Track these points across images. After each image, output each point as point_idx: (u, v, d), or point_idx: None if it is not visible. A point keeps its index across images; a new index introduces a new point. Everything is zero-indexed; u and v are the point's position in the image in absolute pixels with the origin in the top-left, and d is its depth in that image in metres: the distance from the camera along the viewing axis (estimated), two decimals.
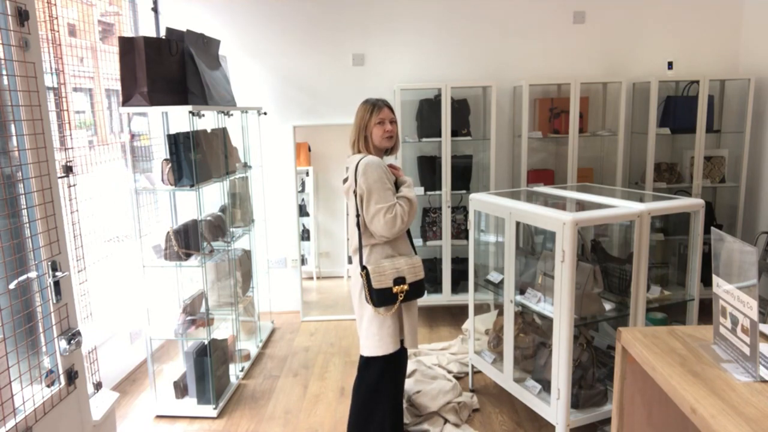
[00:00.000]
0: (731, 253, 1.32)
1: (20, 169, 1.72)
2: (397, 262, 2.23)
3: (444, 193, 4.03)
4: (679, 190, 4.11)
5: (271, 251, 4.40)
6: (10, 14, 1.64)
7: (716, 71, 4.26)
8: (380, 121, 2.28)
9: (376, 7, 4.20)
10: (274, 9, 4.19)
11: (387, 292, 2.19)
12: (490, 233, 3.25)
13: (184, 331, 2.99)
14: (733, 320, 1.32)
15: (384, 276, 2.19)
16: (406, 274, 2.22)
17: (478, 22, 4.24)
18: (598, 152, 4.37)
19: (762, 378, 1.26)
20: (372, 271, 2.19)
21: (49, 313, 1.82)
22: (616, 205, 2.57)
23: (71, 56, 3.04)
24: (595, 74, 4.29)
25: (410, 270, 2.23)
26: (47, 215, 1.78)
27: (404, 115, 4.15)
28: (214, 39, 3.28)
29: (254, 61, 4.23)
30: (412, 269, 2.24)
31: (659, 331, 1.57)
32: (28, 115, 1.71)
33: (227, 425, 2.87)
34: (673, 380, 1.29)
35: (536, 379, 2.64)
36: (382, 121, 2.28)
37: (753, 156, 4.14)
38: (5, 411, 1.60)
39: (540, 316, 2.73)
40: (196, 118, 2.81)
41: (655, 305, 2.70)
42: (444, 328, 4.06)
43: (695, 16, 4.26)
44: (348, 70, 4.25)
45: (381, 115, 2.28)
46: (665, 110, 4.12)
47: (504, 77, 4.26)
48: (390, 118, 2.30)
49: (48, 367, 1.85)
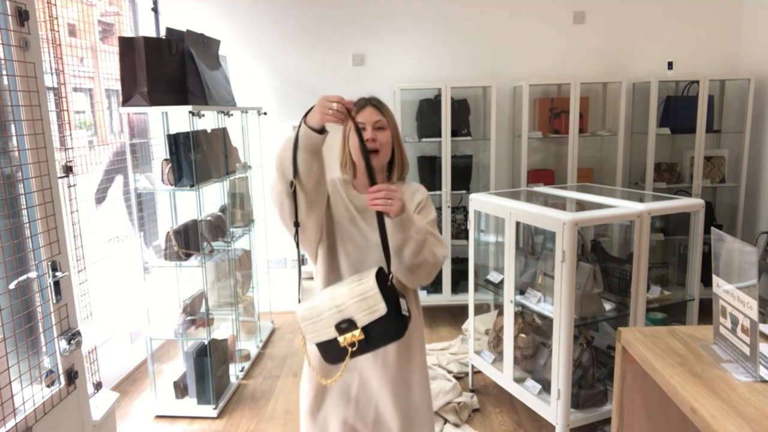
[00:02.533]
0: (731, 253, 1.32)
1: (20, 169, 1.72)
2: (337, 291, 1.40)
3: (444, 193, 4.03)
4: (679, 190, 4.11)
5: (271, 251, 4.40)
6: (10, 14, 1.64)
7: (716, 71, 4.26)
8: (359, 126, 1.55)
9: (376, 7, 4.20)
10: (274, 9, 4.19)
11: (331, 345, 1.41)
12: (490, 233, 3.25)
13: (184, 331, 2.99)
14: (733, 320, 1.32)
15: (319, 322, 1.40)
16: (353, 312, 1.37)
17: (478, 22, 4.24)
18: (598, 152, 4.37)
19: (762, 378, 1.26)
20: (301, 318, 1.43)
21: (49, 313, 1.82)
22: (616, 205, 2.57)
23: (71, 56, 3.04)
24: (595, 74, 4.29)
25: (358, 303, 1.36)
26: (47, 215, 1.78)
27: (404, 115, 4.15)
28: (214, 39, 3.28)
29: (254, 61, 4.23)
30: (363, 301, 1.36)
31: (659, 331, 1.57)
32: (28, 115, 1.71)
33: (227, 425, 2.87)
34: (673, 380, 1.29)
35: (536, 379, 2.64)
36: (362, 126, 1.57)
37: (753, 156, 4.14)
38: (5, 411, 1.60)
39: (540, 316, 2.73)
40: (196, 118, 2.81)
41: (655, 305, 2.70)
42: (444, 328, 4.06)
43: (695, 16, 4.26)
44: (348, 70, 4.25)
45: (360, 116, 1.59)
46: (665, 110, 4.12)
47: (504, 77, 4.26)
48: (374, 121, 1.59)
49: (48, 367, 1.85)
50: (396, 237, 1.43)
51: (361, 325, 1.36)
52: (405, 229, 1.43)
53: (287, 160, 1.43)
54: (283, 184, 1.45)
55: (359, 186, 1.66)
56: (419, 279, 1.52)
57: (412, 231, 1.44)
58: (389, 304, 1.35)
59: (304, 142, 1.41)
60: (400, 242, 1.44)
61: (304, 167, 1.42)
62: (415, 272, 1.49)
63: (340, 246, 1.61)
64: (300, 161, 1.42)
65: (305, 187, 1.44)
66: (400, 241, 1.44)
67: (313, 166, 1.43)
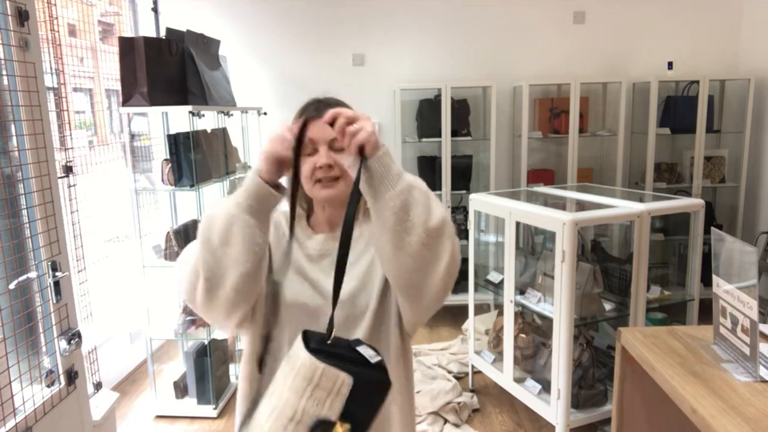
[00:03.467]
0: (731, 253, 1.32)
1: (20, 169, 1.72)
2: (276, 400, 0.94)
3: (444, 193, 4.03)
4: (679, 190, 4.11)
5: None
6: (10, 14, 1.64)
7: (716, 71, 4.26)
8: (309, 149, 1.10)
9: (376, 7, 4.20)
10: (274, 9, 4.19)
11: None
12: (490, 233, 3.25)
13: (184, 331, 2.99)
14: (733, 320, 1.32)
15: None
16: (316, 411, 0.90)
17: (478, 22, 4.24)
18: (598, 152, 4.37)
19: (762, 378, 1.26)
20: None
21: (49, 313, 1.82)
22: (616, 205, 2.57)
23: (71, 56, 3.04)
24: (595, 74, 4.29)
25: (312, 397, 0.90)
26: (47, 215, 1.78)
27: (404, 115, 4.15)
28: (214, 39, 3.28)
29: (254, 61, 4.23)
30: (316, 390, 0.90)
31: (659, 331, 1.57)
32: (28, 115, 1.71)
33: (227, 425, 2.86)
34: (673, 380, 1.29)
35: (536, 379, 2.64)
36: (311, 147, 1.10)
37: (753, 156, 4.14)
38: (5, 411, 1.60)
39: (540, 316, 2.73)
40: (196, 118, 2.81)
41: (655, 305, 2.70)
42: (444, 328, 4.06)
43: (695, 16, 4.26)
44: (348, 70, 4.25)
45: (311, 131, 1.11)
46: (665, 110, 4.12)
47: (504, 77, 4.26)
48: (331, 139, 1.09)
49: (48, 367, 1.85)
50: (387, 203, 0.93)
51: (336, 416, 0.90)
52: (393, 179, 0.94)
53: (220, 231, 1.00)
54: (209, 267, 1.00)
55: (317, 224, 1.20)
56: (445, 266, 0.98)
57: (405, 180, 0.95)
58: (348, 366, 0.90)
59: (251, 202, 1.00)
60: (400, 205, 0.93)
61: (246, 243, 0.99)
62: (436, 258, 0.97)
63: (284, 313, 1.13)
64: (236, 234, 0.99)
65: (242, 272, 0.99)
66: (398, 204, 0.93)
67: (258, 237, 1.01)
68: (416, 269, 0.96)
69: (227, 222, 1.00)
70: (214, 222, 1.01)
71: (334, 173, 1.10)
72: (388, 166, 0.94)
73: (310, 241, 1.19)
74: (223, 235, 1.00)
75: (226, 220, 1.00)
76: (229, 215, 1.00)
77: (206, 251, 1.01)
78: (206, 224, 1.02)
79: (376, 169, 0.94)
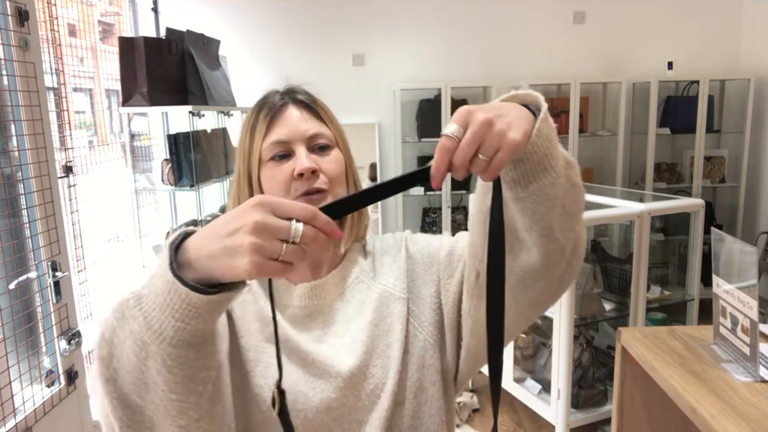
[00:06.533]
0: (731, 253, 1.32)
1: (20, 169, 1.72)
2: None
3: (444, 193, 4.03)
4: (679, 190, 4.11)
5: None
6: (10, 14, 1.64)
7: (716, 71, 4.26)
8: (274, 153, 0.83)
9: (376, 7, 4.20)
10: (274, 9, 4.19)
11: None
12: None
13: None
14: (733, 320, 1.32)
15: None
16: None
17: (478, 21, 4.24)
18: (598, 152, 4.37)
19: (762, 378, 1.26)
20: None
21: (49, 313, 1.82)
22: (616, 205, 2.57)
23: (71, 56, 3.04)
24: (595, 74, 4.29)
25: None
26: (47, 215, 1.78)
27: (404, 115, 4.14)
28: (214, 39, 3.28)
29: (254, 61, 4.23)
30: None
31: (659, 331, 1.57)
32: (28, 115, 1.71)
33: None
34: (673, 380, 1.29)
35: (536, 379, 2.64)
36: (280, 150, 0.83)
37: (753, 156, 4.14)
38: (5, 411, 1.60)
39: (540, 316, 2.73)
40: (196, 118, 2.81)
41: (655, 305, 2.70)
42: None
43: (695, 16, 4.26)
44: (348, 70, 4.25)
45: (278, 127, 0.85)
46: (665, 110, 4.12)
47: (504, 77, 4.26)
48: (308, 136, 0.85)
49: (48, 367, 1.85)
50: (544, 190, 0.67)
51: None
52: (551, 162, 0.67)
53: (130, 372, 0.59)
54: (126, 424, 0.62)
55: (294, 275, 0.85)
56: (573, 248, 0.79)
57: (558, 156, 0.68)
58: None
59: (188, 327, 0.57)
60: (558, 192, 0.69)
61: (183, 386, 0.60)
62: (576, 245, 0.79)
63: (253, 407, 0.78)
64: (159, 379, 0.59)
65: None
66: (554, 191, 0.68)
67: (205, 364, 0.62)
68: (568, 228, 0.74)
69: (138, 358, 0.58)
70: (115, 349, 0.59)
71: (320, 183, 0.80)
72: (550, 138, 0.65)
73: (294, 299, 0.83)
74: (135, 382, 0.59)
75: (136, 353, 0.58)
76: (143, 346, 0.57)
77: (114, 398, 0.60)
78: (104, 346, 0.60)
79: (536, 151, 0.65)
